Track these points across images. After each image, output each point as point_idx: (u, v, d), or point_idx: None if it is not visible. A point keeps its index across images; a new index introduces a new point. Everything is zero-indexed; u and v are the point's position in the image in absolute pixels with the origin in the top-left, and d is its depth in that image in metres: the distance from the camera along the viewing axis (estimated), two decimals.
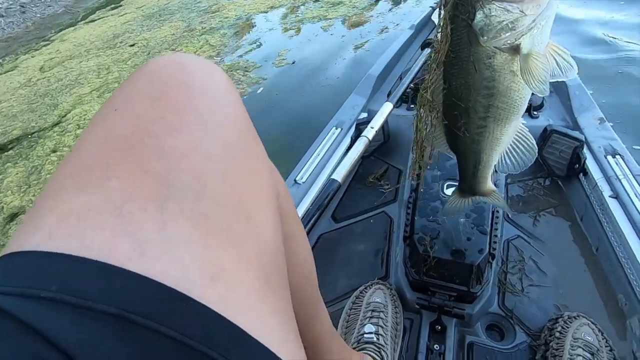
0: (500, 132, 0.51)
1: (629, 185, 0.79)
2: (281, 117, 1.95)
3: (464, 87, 0.48)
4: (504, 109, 0.48)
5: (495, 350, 0.69)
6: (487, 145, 0.53)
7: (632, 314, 0.68)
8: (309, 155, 0.98)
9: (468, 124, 0.51)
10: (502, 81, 0.45)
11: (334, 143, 1.02)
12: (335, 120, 1.10)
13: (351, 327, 0.68)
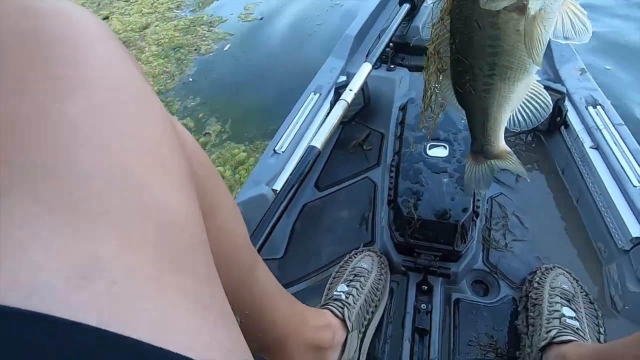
0: (508, 90, 0.48)
1: (609, 135, 0.79)
2: (252, 77, 1.83)
3: (468, 43, 0.45)
4: (510, 68, 0.45)
5: (480, 305, 0.70)
6: (495, 103, 0.50)
7: (610, 261, 0.70)
8: (287, 123, 0.94)
9: (474, 82, 0.48)
10: (507, 40, 0.42)
11: (312, 109, 0.98)
12: (313, 85, 1.05)
13: (332, 290, 0.68)
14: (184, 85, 1.89)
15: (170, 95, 1.84)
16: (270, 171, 0.84)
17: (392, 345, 0.67)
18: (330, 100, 1.03)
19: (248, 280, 0.42)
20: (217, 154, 1.49)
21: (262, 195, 0.78)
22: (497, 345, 0.65)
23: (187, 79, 1.92)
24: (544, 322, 0.58)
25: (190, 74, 1.95)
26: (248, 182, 0.83)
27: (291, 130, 0.92)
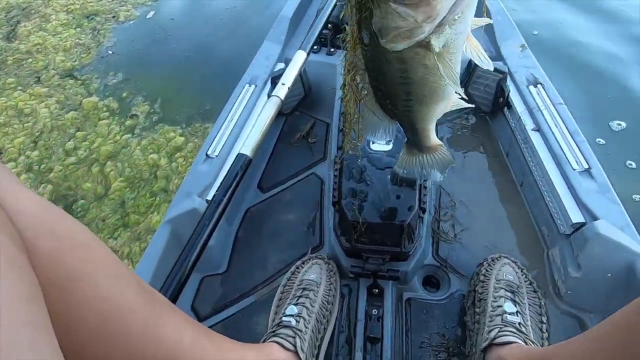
0: (428, 110, 0.50)
1: (549, 116, 0.78)
2: (182, 48, 1.66)
3: (380, 73, 0.47)
4: (425, 95, 0.47)
5: (432, 302, 0.69)
6: (418, 119, 0.52)
7: (553, 245, 0.70)
8: (220, 122, 0.85)
9: (394, 104, 0.50)
10: (415, 73, 0.44)
11: (248, 104, 0.89)
12: (248, 76, 0.96)
13: (281, 308, 0.64)
14: (102, 59, 1.66)
15: (86, 71, 1.61)
16: (202, 180, 0.76)
17: (344, 356, 0.64)
18: (268, 92, 0.94)
19: (145, 344, 0.35)
20: (149, 139, 1.33)
21: (194, 210, 0.70)
22: (448, 344, 0.64)
23: (106, 52, 1.70)
24: (487, 321, 0.57)
25: (109, 46, 1.72)
26: (178, 194, 0.75)
27: (224, 131, 0.83)
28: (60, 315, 0.25)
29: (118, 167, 1.26)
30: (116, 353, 0.33)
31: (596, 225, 0.61)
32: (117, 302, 0.33)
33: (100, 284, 0.32)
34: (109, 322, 0.32)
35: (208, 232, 0.57)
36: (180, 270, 0.53)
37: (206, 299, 0.74)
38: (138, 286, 0.37)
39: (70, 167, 1.28)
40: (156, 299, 0.40)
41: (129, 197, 1.18)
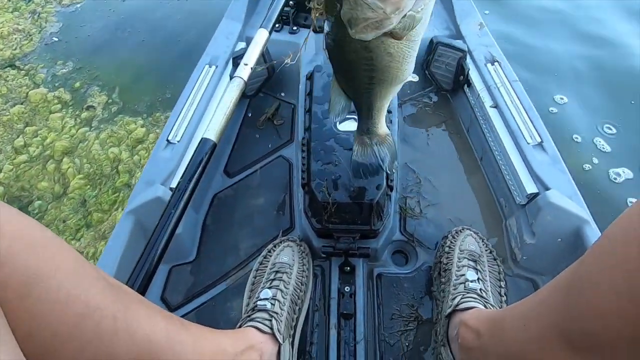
0: (386, 91, 0.54)
1: (506, 94, 0.81)
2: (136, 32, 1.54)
3: (345, 61, 0.49)
4: (385, 80, 0.50)
5: (400, 276, 0.72)
6: (377, 98, 0.55)
7: (510, 215, 0.75)
8: (180, 106, 0.81)
9: (357, 86, 0.53)
10: (380, 60, 0.46)
11: (209, 86, 0.86)
12: (207, 56, 0.92)
13: (254, 292, 0.64)
14: (47, 47, 1.52)
15: (30, 60, 1.47)
16: (165, 167, 0.72)
17: (319, 333, 0.66)
18: (230, 73, 0.91)
19: (117, 340, 0.34)
20: (108, 131, 1.25)
21: (158, 198, 0.67)
22: (417, 313, 0.67)
23: (51, 39, 1.55)
24: (451, 289, 0.60)
25: (54, 32, 1.57)
26: (140, 182, 0.71)
27: (185, 114, 0.80)
28: (20, 321, 0.23)
29: (76, 163, 1.18)
30: (87, 354, 0.32)
31: (548, 195, 0.66)
32: (82, 301, 0.31)
33: (61, 284, 0.30)
34: (75, 323, 0.30)
35: (175, 220, 0.55)
36: (147, 262, 0.51)
37: (176, 288, 0.72)
38: (104, 282, 0.35)
39: (22, 166, 1.18)
40: (124, 294, 0.38)
41: (90, 195, 1.11)
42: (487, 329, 0.48)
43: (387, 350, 0.64)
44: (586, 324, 0.32)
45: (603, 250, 0.32)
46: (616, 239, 0.30)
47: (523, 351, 0.41)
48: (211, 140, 0.60)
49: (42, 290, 0.28)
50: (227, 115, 0.64)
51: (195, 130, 0.78)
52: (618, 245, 0.30)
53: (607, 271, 0.30)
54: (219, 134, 0.62)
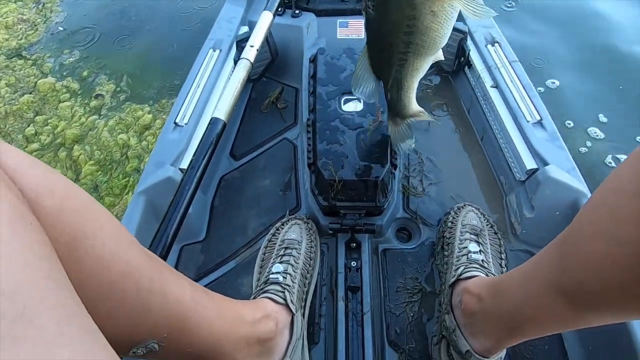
0: (419, 64, 0.54)
1: (506, 74, 0.83)
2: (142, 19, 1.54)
3: (386, 22, 0.50)
4: (423, 46, 0.51)
5: (405, 251, 0.74)
6: (408, 74, 0.56)
7: (510, 191, 0.78)
8: (186, 89, 0.83)
9: (390, 57, 0.54)
10: (422, 20, 0.46)
11: (214, 70, 0.87)
12: (211, 41, 0.92)
13: (265, 268, 0.66)
14: (52, 36, 1.53)
15: (36, 50, 1.48)
16: (173, 148, 0.74)
17: (327, 306, 0.69)
18: (234, 56, 0.92)
19: (152, 298, 0.36)
20: (116, 118, 1.27)
21: (169, 179, 0.69)
22: (421, 286, 0.70)
23: (56, 29, 1.55)
24: (454, 261, 0.63)
25: (59, 22, 1.58)
26: (149, 164, 0.73)
27: (192, 97, 0.81)
28: (71, 273, 0.25)
29: (87, 150, 1.20)
30: (126, 307, 0.34)
31: (547, 170, 0.68)
32: (123, 260, 0.33)
33: (105, 243, 0.32)
34: (117, 278, 0.33)
35: (187, 200, 0.57)
36: (162, 241, 0.53)
37: (188, 267, 0.74)
38: (139, 247, 0.38)
39: (34, 154, 1.20)
40: (156, 259, 0.41)
41: (101, 181, 1.14)
42: (487, 293, 0.50)
43: (393, 320, 0.67)
44: (579, 273, 0.34)
45: (595, 204, 0.34)
46: (606, 192, 0.33)
47: (521, 309, 0.43)
48: (221, 119, 0.62)
49: (88, 246, 0.30)
50: (236, 96, 0.65)
51: (202, 112, 0.79)
52: (608, 197, 0.32)
53: (598, 222, 0.32)
54: (228, 114, 0.64)
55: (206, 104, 0.81)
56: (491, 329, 0.50)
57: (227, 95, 0.64)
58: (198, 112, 0.79)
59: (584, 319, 0.38)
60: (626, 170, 0.31)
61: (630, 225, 0.29)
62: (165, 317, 0.38)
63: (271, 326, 0.54)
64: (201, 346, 0.44)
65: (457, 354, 0.55)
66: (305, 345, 0.62)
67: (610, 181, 0.33)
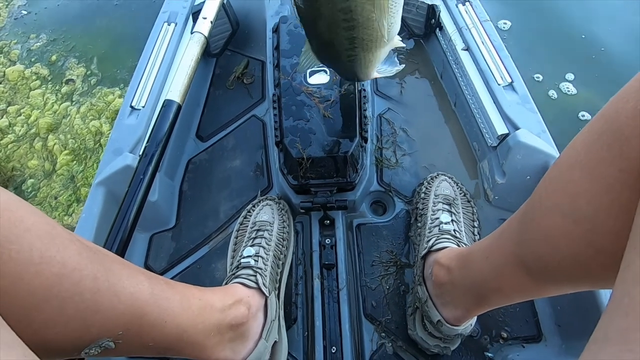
0: (372, 57, 0.48)
1: (477, 34, 0.80)
2: None
3: (320, 17, 0.43)
4: (370, 40, 0.44)
5: (379, 225, 0.74)
6: (361, 67, 0.50)
7: (483, 158, 0.77)
8: (141, 69, 0.77)
9: (337, 55, 0.48)
10: (360, 12, 0.40)
11: (170, 46, 0.81)
12: (165, 14, 0.85)
13: (237, 252, 0.65)
14: (17, 21, 1.44)
15: (1, 37, 1.40)
16: (131, 134, 0.70)
17: (303, 285, 0.69)
18: (191, 30, 0.85)
19: (99, 298, 0.34)
20: (88, 104, 1.23)
21: (128, 167, 0.65)
22: (397, 259, 0.70)
23: (20, 13, 1.46)
24: (426, 232, 0.62)
25: (22, 5, 1.49)
26: (107, 152, 0.69)
27: (147, 77, 0.76)
28: None
29: (61, 139, 1.17)
30: (69, 311, 0.32)
31: (517, 135, 0.67)
32: (57, 262, 0.31)
33: (33, 245, 0.30)
34: (52, 283, 0.31)
35: (145, 186, 0.55)
36: (121, 229, 0.50)
37: (159, 255, 0.73)
38: (79, 244, 0.35)
39: (10, 146, 1.17)
40: (103, 256, 0.38)
41: (77, 170, 1.11)
42: (456, 265, 0.50)
43: (369, 294, 0.67)
44: (537, 247, 0.34)
45: (552, 177, 0.33)
46: (563, 165, 0.31)
47: (485, 280, 0.43)
48: (174, 101, 0.58)
49: (12, 252, 0.28)
50: (190, 74, 0.61)
51: (160, 93, 0.74)
52: (564, 170, 0.31)
53: (554, 196, 0.31)
54: (183, 95, 0.59)
55: (164, 85, 0.76)
56: (460, 299, 0.50)
57: (181, 75, 0.60)
58: (155, 94, 0.74)
59: (546, 289, 0.38)
60: (580, 143, 0.29)
61: (584, 201, 0.28)
62: (119, 315, 0.37)
63: (243, 311, 0.53)
64: (166, 338, 0.43)
65: (430, 324, 0.56)
66: (282, 325, 0.62)
67: (566, 153, 0.31)
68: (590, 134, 0.29)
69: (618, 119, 0.26)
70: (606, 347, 0.20)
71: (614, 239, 0.27)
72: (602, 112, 0.29)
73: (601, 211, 0.28)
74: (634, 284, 0.20)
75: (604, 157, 0.27)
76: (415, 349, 0.61)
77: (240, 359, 0.52)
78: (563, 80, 1.16)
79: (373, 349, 0.62)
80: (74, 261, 0.33)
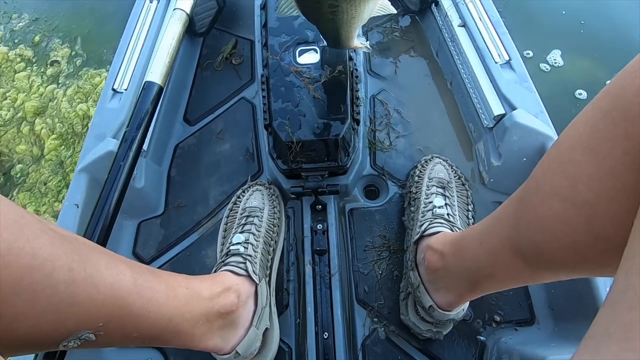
0: (355, 12, 0.46)
1: (474, 9, 0.76)
2: None
3: None
4: None
5: (372, 209, 0.72)
6: (344, 23, 0.48)
7: (478, 139, 0.75)
8: (122, 49, 0.73)
9: (319, 6, 0.46)
10: None
11: (153, 24, 0.77)
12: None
13: (227, 239, 0.63)
14: None
15: None
16: (114, 118, 0.67)
17: (294, 271, 0.68)
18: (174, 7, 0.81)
19: (75, 289, 0.33)
20: (74, 87, 1.19)
21: (111, 153, 0.63)
22: (389, 243, 0.69)
23: None
24: (419, 217, 0.61)
25: None
26: (89, 137, 0.66)
27: (129, 58, 0.72)
28: None
29: (48, 123, 1.14)
30: (42, 304, 0.31)
31: (514, 115, 0.64)
32: (27, 253, 0.29)
33: (1, 236, 0.28)
34: (21, 275, 0.29)
35: (126, 172, 0.52)
36: (102, 217, 0.48)
37: (148, 243, 0.71)
38: (52, 233, 0.33)
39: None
40: (81, 245, 0.36)
41: (65, 156, 1.09)
42: (449, 250, 0.49)
43: (362, 279, 0.66)
44: (534, 233, 0.32)
45: (551, 159, 0.31)
46: (563, 146, 0.30)
47: (479, 266, 0.42)
48: (155, 83, 0.55)
49: None
50: (172, 54, 0.58)
51: (143, 75, 0.71)
52: (564, 152, 0.29)
53: (553, 178, 0.30)
54: (164, 76, 0.57)
55: (147, 66, 0.73)
56: (453, 284, 0.49)
57: (162, 55, 0.57)
58: (138, 76, 0.71)
59: (540, 276, 0.37)
60: (582, 123, 0.27)
61: (585, 185, 0.26)
62: (98, 306, 0.35)
63: (232, 299, 0.52)
64: (151, 328, 0.41)
65: (422, 309, 0.55)
66: (274, 311, 0.62)
67: (566, 134, 0.29)
68: (594, 112, 0.27)
69: (625, 96, 0.24)
70: (606, 344, 0.19)
71: (615, 225, 0.25)
72: (606, 89, 0.27)
73: (603, 196, 0.26)
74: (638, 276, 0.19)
75: (607, 138, 0.25)
76: (408, 333, 0.61)
77: (230, 346, 0.52)
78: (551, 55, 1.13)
79: (365, 334, 0.62)
80: (45, 252, 0.31)
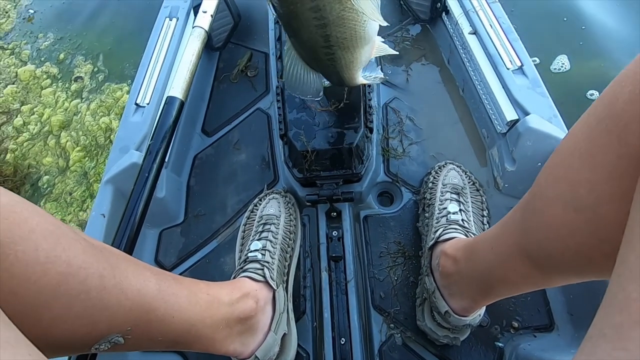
0: (352, 57, 0.47)
1: (485, 17, 0.77)
2: None
3: (295, 17, 0.42)
4: (345, 39, 0.43)
5: (387, 216, 0.73)
6: (343, 67, 0.49)
7: (492, 145, 0.75)
8: (144, 66, 0.77)
9: (316, 53, 0.47)
10: (330, 10, 0.40)
11: (173, 41, 0.81)
12: (166, 9, 0.85)
13: (245, 246, 0.65)
14: (24, 21, 1.48)
15: (12, 38, 1.44)
16: (137, 131, 0.70)
17: (311, 277, 0.69)
18: (192, 24, 0.85)
19: (106, 295, 0.35)
20: (97, 101, 1.26)
21: (134, 165, 0.66)
22: (404, 249, 0.70)
23: (26, 12, 1.50)
24: (434, 223, 0.62)
25: (28, 5, 1.52)
26: (114, 150, 0.70)
27: (151, 74, 0.76)
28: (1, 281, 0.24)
29: (73, 136, 1.21)
30: (76, 309, 0.33)
31: (527, 120, 0.65)
32: (63, 261, 0.32)
33: (39, 245, 0.30)
34: (58, 281, 0.31)
35: (150, 183, 0.55)
36: (128, 227, 0.51)
37: (169, 251, 0.74)
38: (85, 242, 0.36)
39: (25, 144, 1.22)
40: (109, 253, 0.39)
41: (89, 167, 1.15)
42: (463, 255, 0.49)
43: (377, 285, 0.67)
44: (540, 237, 0.33)
45: (553, 164, 0.32)
46: (563, 152, 0.30)
47: (490, 271, 0.42)
48: (177, 98, 0.58)
49: (18, 252, 0.29)
50: (192, 70, 0.61)
51: (164, 89, 0.74)
52: (565, 157, 0.30)
53: (555, 184, 0.30)
54: (185, 91, 0.59)
55: (167, 81, 0.76)
56: (467, 290, 0.50)
57: (182, 70, 0.60)
58: (159, 90, 0.74)
59: (551, 279, 0.37)
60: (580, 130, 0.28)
61: (585, 190, 0.27)
62: (127, 311, 0.37)
63: (251, 304, 0.54)
64: (174, 332, 0.43)
65: (438, 315, 0.56)
66: (291, 317, 0.63)
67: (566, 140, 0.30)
68: (589, 119, 0.28)
69: (616, 104, 0.25)
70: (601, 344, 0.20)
71: (617, 228, 0.26)
72: (601, 96, 0.28)
73: (602, 200, 0.27)
74: (628, 280, 0.19)
75: (602, 144, 0.26)
76: (425, 339, 0.61)
77: (250, 351, 0.53)
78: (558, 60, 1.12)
79: (382, 340, 0.63)
80: (79, 260, 0.33)
